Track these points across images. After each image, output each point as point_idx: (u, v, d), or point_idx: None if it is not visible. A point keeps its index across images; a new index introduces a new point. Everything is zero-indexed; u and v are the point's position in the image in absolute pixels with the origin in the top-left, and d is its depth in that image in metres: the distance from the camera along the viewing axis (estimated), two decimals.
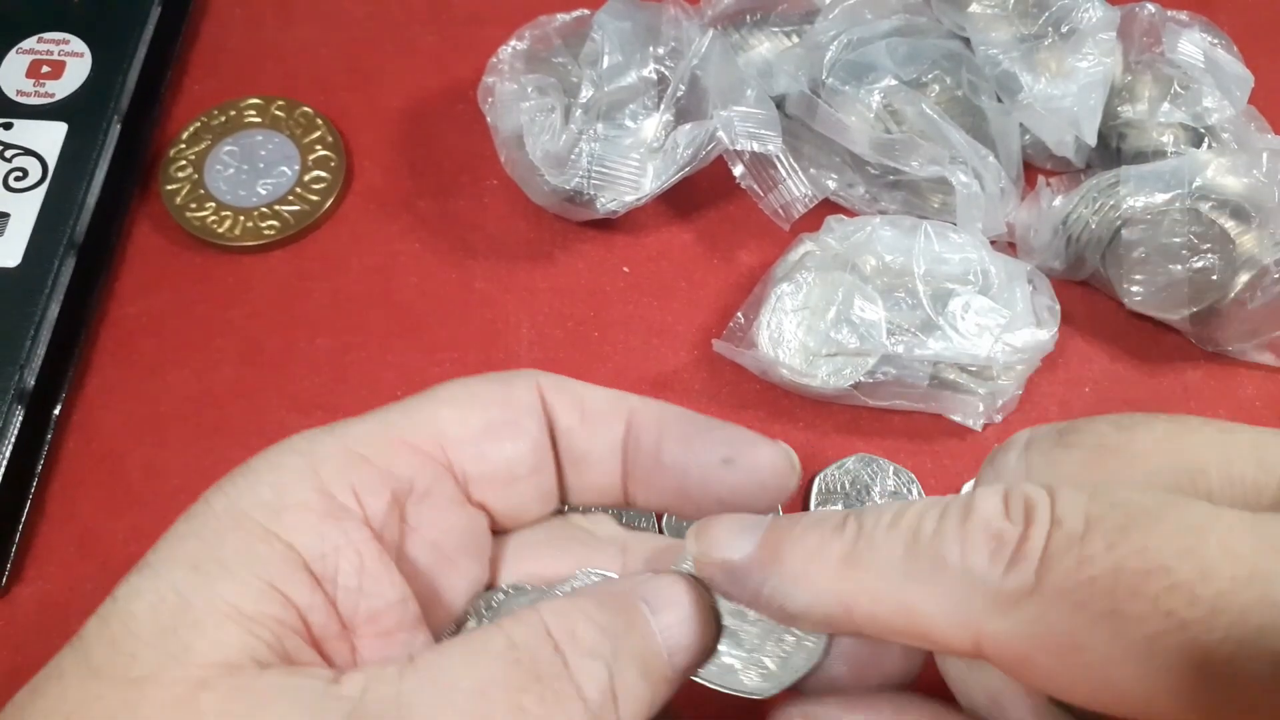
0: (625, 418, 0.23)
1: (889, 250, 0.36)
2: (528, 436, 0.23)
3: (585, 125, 0.37)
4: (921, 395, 0.36)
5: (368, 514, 0.21)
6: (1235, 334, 0.37)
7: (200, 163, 0.41)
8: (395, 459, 0.22)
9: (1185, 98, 0.39)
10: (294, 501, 0.20)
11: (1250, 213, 0.36)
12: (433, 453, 0.22)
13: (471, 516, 0.23)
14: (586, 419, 0.23)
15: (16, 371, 0.34)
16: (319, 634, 0.20)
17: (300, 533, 0.20)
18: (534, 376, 0.23)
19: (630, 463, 0.23)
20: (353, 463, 0.21)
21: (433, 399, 0.23)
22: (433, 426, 0.22)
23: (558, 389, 0.23)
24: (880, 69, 0.39)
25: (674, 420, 0.23)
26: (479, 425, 0.22)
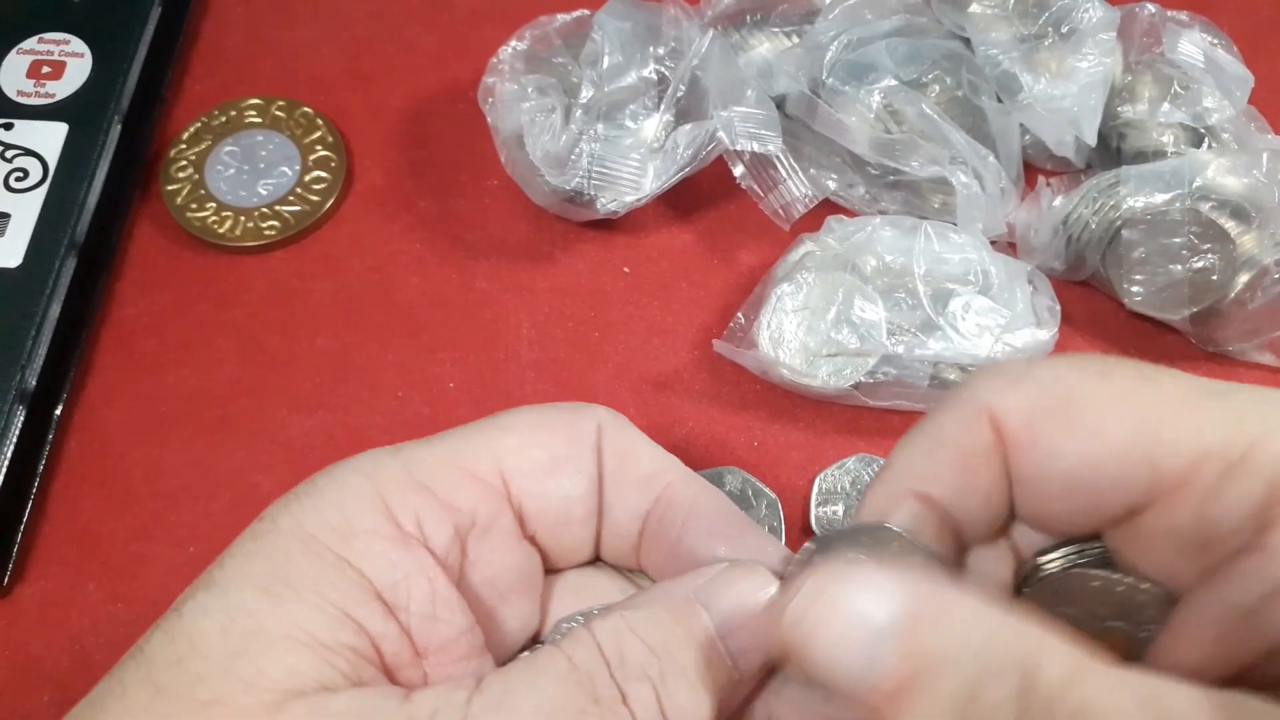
0: (659, 491, 0.23)
1: (889, 250, 0.36)
2: (586, 476, 0.23)
3: (585, 125, 0.38)
4: (922, 395, 0.36)
5: (431, 544, 0.21)
6: (1235, 334, 0.37)
7: (201, 163, 0.41)
8: (458, 490, 0.21)
9: (1185, 98, 0.39)
10: (363, 528, 0.20)
11: (1250, 213, 0.36)
12: (494, 484, 0.22)
13: (527, 554, 0.23)
14: (626, 477, 0.23)
15: (18, 372, 0.34)
16: (392, 662, 0.20)
17: (371, 559, 0.20)
18: (597, 415, 0.23)
19: (647, 536, 0.23)
20: (417, 490, 0.21)
21: (498, 426, 0.23)
22: (496, 456, 0.22)
23: (616, 435, 0.23)
24: (880, 69, 0.39)
25: (702, 512, 0.23)
26: (543, 459, 0.22)
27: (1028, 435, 0.19)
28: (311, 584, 0.19)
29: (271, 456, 0.36)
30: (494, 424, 0.23)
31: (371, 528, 0.20)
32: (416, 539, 0.21)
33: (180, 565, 0.34)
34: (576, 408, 0.23)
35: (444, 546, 0.21)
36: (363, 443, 0.36)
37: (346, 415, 0.37)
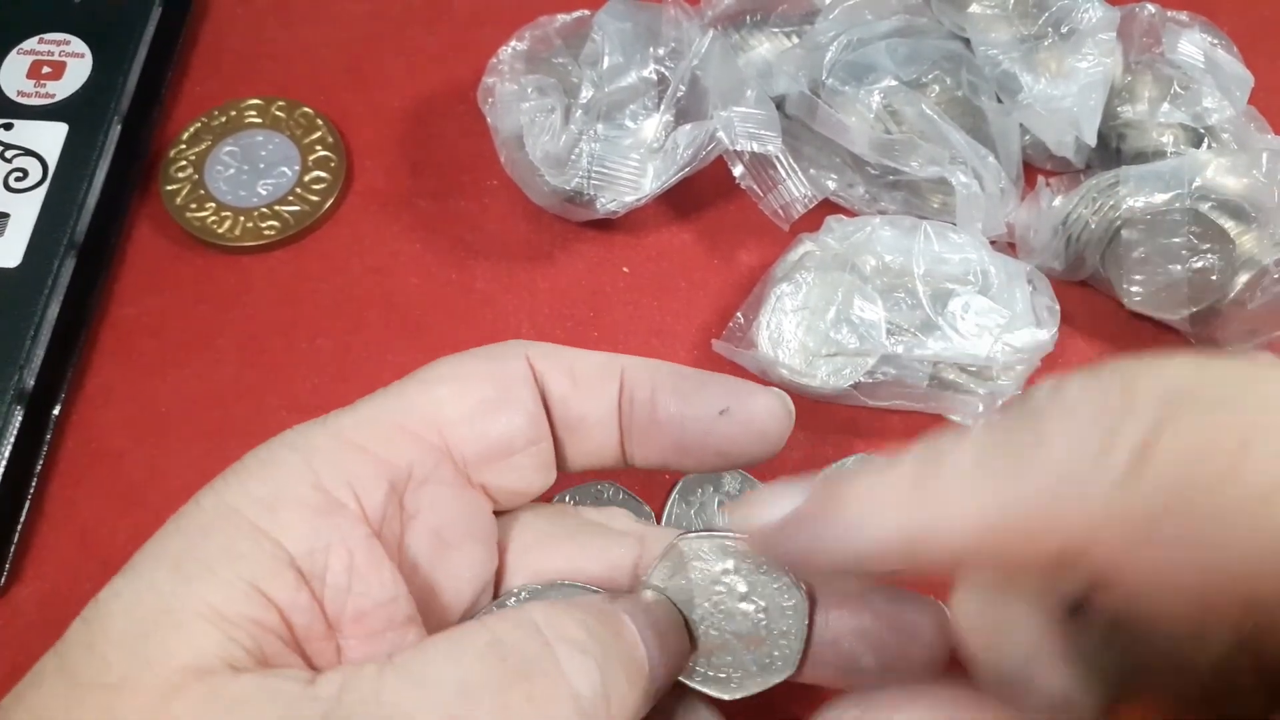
0: (618, 378, 0.23)
1: (889, 250, 0.36)
2: (523, 408, 0.22)
3: (585, 126, 0.38)
4: (921, 395, 0.36)
5: (365, 508, 0.20)
6: (1235, 334, 0.37)
7: (200, 163, 0.41)
8: (391, 447, 0.21)
9: (1185, 98, 0.39)
10: (288, 497, 0.20)
11: (1250, 213, 0.36)
12: (429, 437, 0.22)
13: (473, 499, 0.23)
14: (579, 384, 0.23)
15: (16, 372, 0.34)
16: (302, 635, 0.19)
17: (291, 529, 0.19)
18: (523, 347, 0.23)
19: (626, 422, 0.23)
20: (348, 455, 0.21)
21: (424, 379, 0.22)
22: (427, 408, 0.22)
23: (547, 357, 0.23)
24: (880, 69, 0.39)
25: (667, 376, 0.23)
26: (474, 403, 0.22)
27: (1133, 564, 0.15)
28: (224, 558, 0.19)
29: None
30: (419, 378, 0.23)
31: (296, 497, 0.20)
32: (347, 505, 0.20)
33: None
34: (498, 348, 0.23)
35: (379, 507, 0.21)
36: None
37: None
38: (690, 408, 0.23)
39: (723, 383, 0.23)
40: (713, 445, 0.23)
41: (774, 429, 0.23)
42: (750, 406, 0.23)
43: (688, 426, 0.23)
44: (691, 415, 0.23)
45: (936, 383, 0.36)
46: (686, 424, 0.23)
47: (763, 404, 0.23)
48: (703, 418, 0.23)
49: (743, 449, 0.23)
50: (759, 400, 0.23)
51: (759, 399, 0.23)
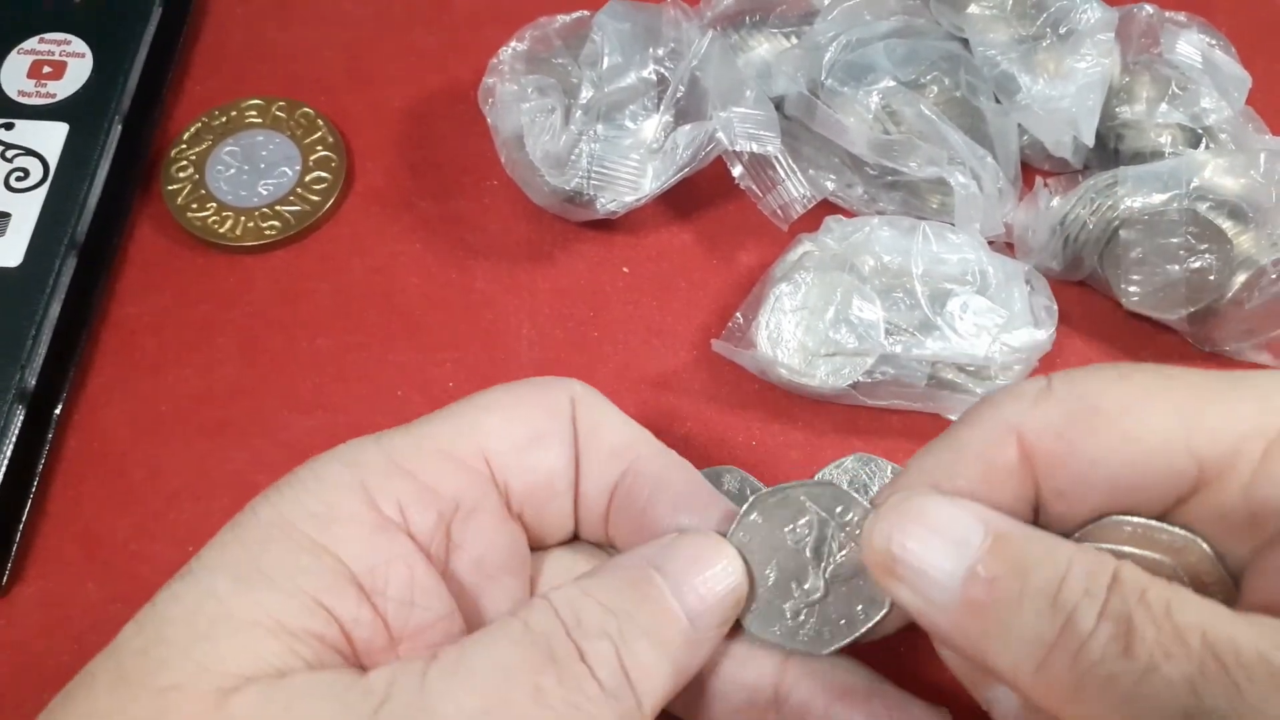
0: (627, 463, 0.23)
1: (887, 250, 0.36)
2: (567, 448, 0.23)
3: (585, 126, 0.38)
4: (919, 395, 0.36)
5: (414, 530, 0.21)
6: (1232, 334, 0.37)
7: (201, 163, 0.41)
8: (441, 475, 0.21)
9: (1183, 98, 0.39)
10: (343, 514, 0.20)
11: (1248, 213, 0.36)
12: (477, 466, 0.22)
13: (513, 532, 0.23)
14: (597, 449, 0.23)
15: (18, 371, 0.35)
16: (363, 649, 0.20)
17: (350, 545, 0.20)
18: (570, 388, 0.23)
19: (615, 509, 0.23)
20: (399, 478, 0.21)
21: (476, 406, 0.23)
22: (477, 437, 0.22)
23: (588, 407, 0.23)
24: (879, 70, 0.39)
25: (668, 485, 0.23)
26: (524, 435, 0.22)
27: (1062, 448, 0.19)
28: (286, 571, 0.19)
29: (272, 456, 0.36)
30: (472, 404, 0.23)
31: (352, 514, 0.20)
32: (398, 525, 0.21)
33: (180, 564, 0.34)
34: (550, 382, 0.23)
35: (427, 532, 0.21)
36: None
37: (346, 415, 0.37)
38: (674, 526, 0.23)
39: (720, 512, 0.23)
40: None
41: None
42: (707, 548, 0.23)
43: (648, 532, 0.23)
44: (660, 525, 0.23)
45: (935, 382, 0.36)
46: (651, 530, 0.23)
47: None
48: (665, 528, 0.23)
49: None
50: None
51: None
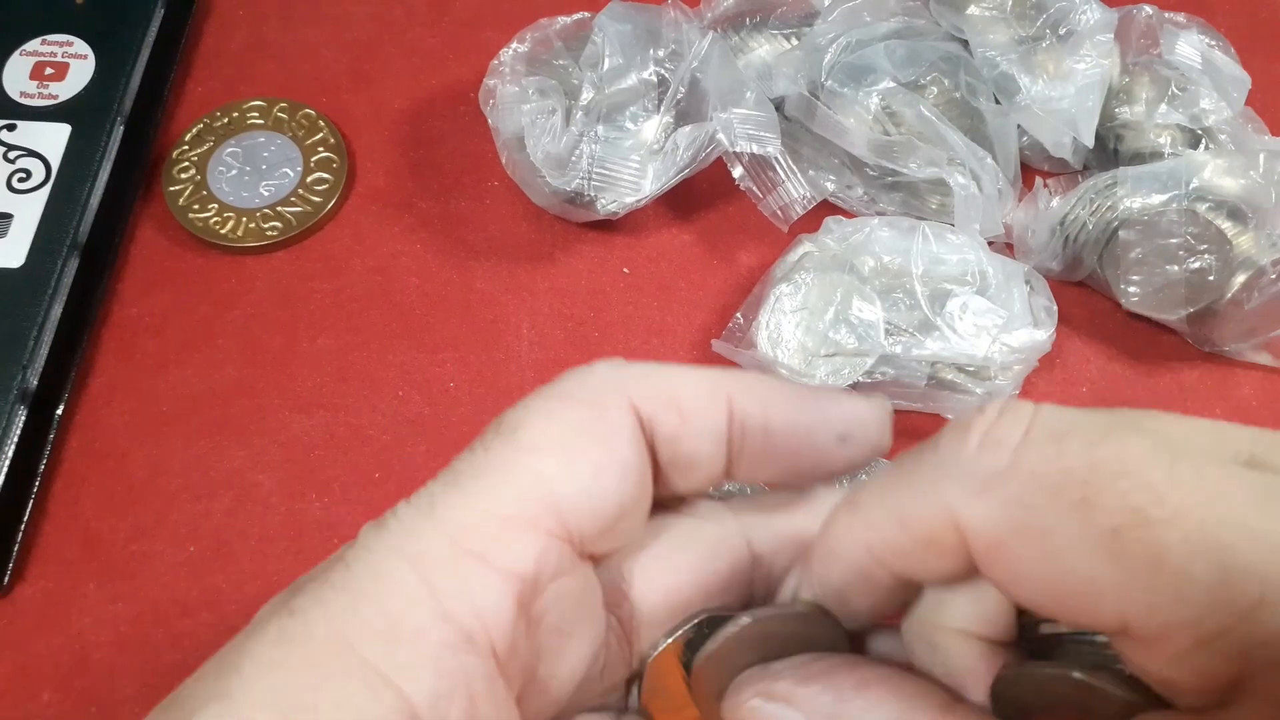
0: (726, 405, 0.21)
1: (887, 251, 0.36)
2: (634, 470, 0.20)
3: (586, 127, 0.38)
4: (919, 395, 0.36)
5: (494, 638, 0.18)
6: (1232, 334, 0.37)
7: (203, 164, 0.41)
8: (514, 551, 0.19)
9: (1182, 99, 0.39)
10: (409, 629, 0.17)
11: (1247, 214, 0.36)
12: (549, 525, 0.19)
13: (587, 577, 0.20)
14: (687, 420, 0.21)
15: (20, 371, 0.35)
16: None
17: (415, 673, 0.17)
18: (621, 380, 0.20)
19: (735, 450, 0.21)
20: (469, 568, 0.18)
21: (525, 447, 0.19)
22: (541, 491, 0.19)
23: (651, 390, 0.20)
24: (879, 71, 0.39)
25: (778, 400, 0.21)
26: (587, 475, 0.19)
27: (998, 559, 0.17)
28: (339, 712, 0.17)
29: (272, 456, 0.36)
30: (518, 445, 0.19)
31: (419, 629, 0.17)
32: (475, 638, 0.18)
33: (180, 565, 0.34)
34: (595, 384, 0.20)
35: (507, 634, 0.18)
36: (363, 443, 0.36)
37: (347, 415, 0.37)
38: (808, 437, 0.21)
39: (836, 403, 0.21)
40: (828, 469, 0.21)
41: (887, 441, 0.22)
42: (868, 429, 0.21)
43: (804, 454, 0.21)
44: (810, 445, 0.21)
45: (934, 382, 0.36)
46: (803, 453, 0.21)
47: (877, 422, 0.21)
48: (821, 447, 0.21)
49: (857, 468, 0.22)
50: (874, 418, 0.21)
51: (873, 416, 0.21)
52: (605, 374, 0.20)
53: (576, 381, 0.20)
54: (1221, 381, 0.38)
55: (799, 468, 0.21)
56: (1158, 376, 0.38)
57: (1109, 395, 0.38)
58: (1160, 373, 0.38)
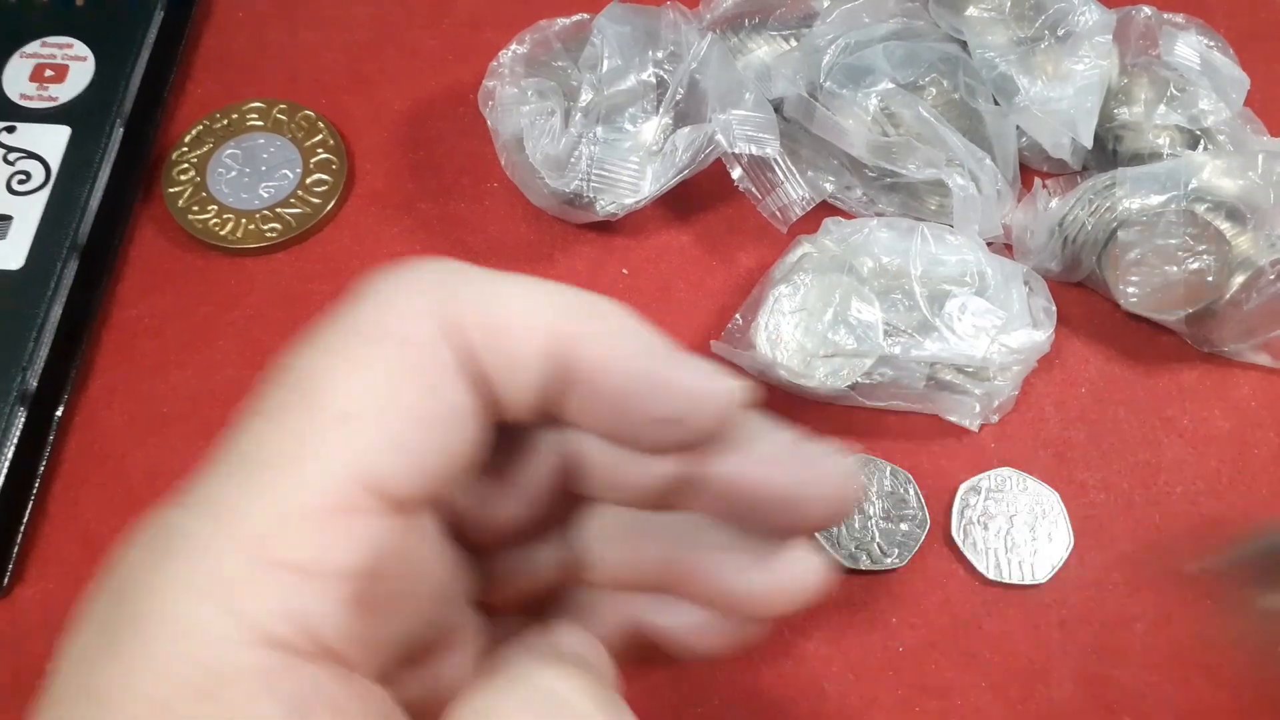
0: (558, 350, 0.17)
1: (886, 252, 0.36)
2: (462, 416, 0.17)
3: (585, 128, 0.38)
4: (918, 396, 0.36)
5: (331, 644, 0.15)
6: (1231, 335, 0.37)
7: (202, 166, 0.41)
8: (335, 549, 0.15)
9: (1181, 100, 0.39)
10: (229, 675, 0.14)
11: (1246, 214, 0.36)
12: (374, 508, 0.16)
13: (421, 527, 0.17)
14: (511, 360, 0.17)
15: (19, 373, 0.35)
16: None
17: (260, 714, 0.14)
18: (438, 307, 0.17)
19: (555, 397, 0.18)
20: (282, 582, 0.15)
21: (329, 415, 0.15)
22: (358, 469, 0.15)
23: (476, 322, 0.17)
24: (878, 72, 0.39)
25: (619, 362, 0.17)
26: (412, 438, 0.16)
27: None
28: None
29: None
30: (321, 411, 0.15)
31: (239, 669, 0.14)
32: (302, 647, 0.15)
33: None
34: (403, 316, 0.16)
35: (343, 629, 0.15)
36: None
37: None
38: (639, 411, 0.18)
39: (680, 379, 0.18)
40: (652, 444, 0.18)
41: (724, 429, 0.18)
42: (705, 417, 0.18)
43: (627, 428, 0.18)
44: (638, 421, 0.18)
45: (933, 383, 0.36)
46: (627, 426, 0.18)
47: (716, 411, 0.18)
48: (650, 422, 0.18)
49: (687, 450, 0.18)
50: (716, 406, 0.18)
51: (715, 404, 0.18)
52: (417, 296, 0.17)
53: (383, 306, 0.17)
54: (1220, 382, 0.38)
55: (620, 436, 0.18)
56: (1157, 377, 0.38)
57: (1108, 396, 0.38)
58: (1159, 373, 0.38)
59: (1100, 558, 0.35)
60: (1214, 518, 0.35)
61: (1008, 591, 0.34)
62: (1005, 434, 0.37)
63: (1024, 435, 0.37)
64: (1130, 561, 0.35)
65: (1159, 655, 0.33)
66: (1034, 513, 0.35)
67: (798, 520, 0.19)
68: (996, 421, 0.37)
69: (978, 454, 0.36)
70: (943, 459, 0.36)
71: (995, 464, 0.36)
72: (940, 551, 0.34)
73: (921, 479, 0.35)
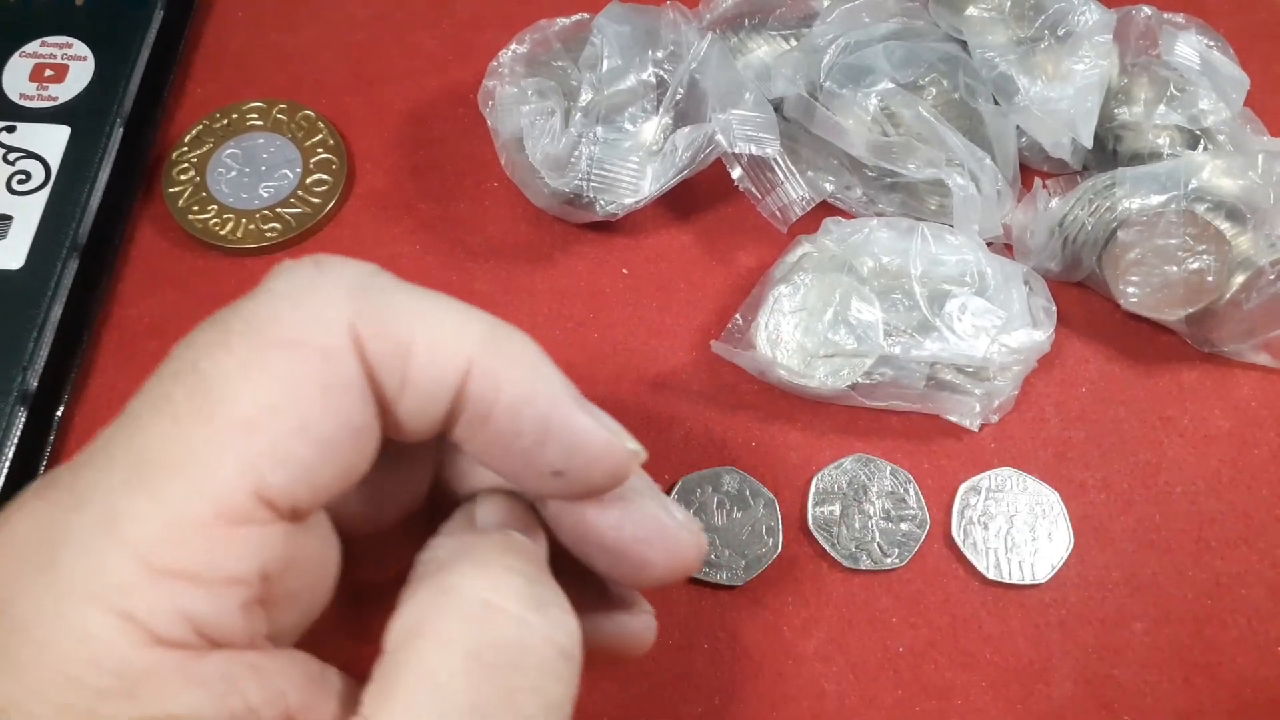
0: (459, 381, 0.17)
1: (886, 252, 0.36)
2: (362, 433, 0.16)
3: (585, 128, 0.38)
4: (918, 396, 0.36)
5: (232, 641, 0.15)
6: (1231, 335, 0.37)
7: (202, 165, 0.41)
8: (229, 559, 0.15)
9: (1181, 100, 0.39)
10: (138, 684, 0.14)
11: (1245, 214, 0.36)
12: (269, 518, 0.15)
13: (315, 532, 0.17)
14: (411, 384, 0.17)
15: (19, 373, 0.35)
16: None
17: None
18: (349, 316, 0.16)
19: (452, 423, 0.18)
20: (176, 590, 0.14)
21: (229, 421, 0.15)
22: (255, 480, 0.15)
23: (384, 341, 0.17)
24: (878, 72, 0.39)
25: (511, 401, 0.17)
26: (312, 453, 0.16)
27: None
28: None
29: None
30: (222, 417, 0.15)
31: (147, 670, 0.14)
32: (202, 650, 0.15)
33: None
34: (313, 322, 0.16)
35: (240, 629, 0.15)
36: None
37: None
38: (523, 455, 0.18)
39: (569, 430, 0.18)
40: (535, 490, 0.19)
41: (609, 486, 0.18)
42: (589, 472, 0.18)
43: (513, 470, 0.18)
44: (523, 466, 0.18)
45: (933, 383, 0.36)
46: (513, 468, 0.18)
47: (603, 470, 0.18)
48: (534, 469, 0.18)
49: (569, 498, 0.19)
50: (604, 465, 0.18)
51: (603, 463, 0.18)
52: (332, 303, 0.16)
53: (295, 308, 0.16)
54: (1220, 382, 0.38)
55: (510, 470, 0.18)
56: (1157, 377, 0.38)
57: (1108, 396, 0.38)
58: (1159, 373, 0.38)
59: (1100, 557, 0.35)
60: (1214, 517, 0.35)
61: (1008, 591, 0.34)
62: (1005, 434, 0.37)
63: (1024, 435, 0.37)
64: (1130, 561, 0.35)
65: (1159, 655, 0.33)
66: (1034, 512, 0.35)
67: (637, 576, 0.19)
68: (996, 421, 0.37)
69: (978, 454, 0.36)
70: (943, 459, 0.36)
71: (995, 464, 0.36)
72: (940, 551, 0.34)
73: (921, 479, 0.35)
